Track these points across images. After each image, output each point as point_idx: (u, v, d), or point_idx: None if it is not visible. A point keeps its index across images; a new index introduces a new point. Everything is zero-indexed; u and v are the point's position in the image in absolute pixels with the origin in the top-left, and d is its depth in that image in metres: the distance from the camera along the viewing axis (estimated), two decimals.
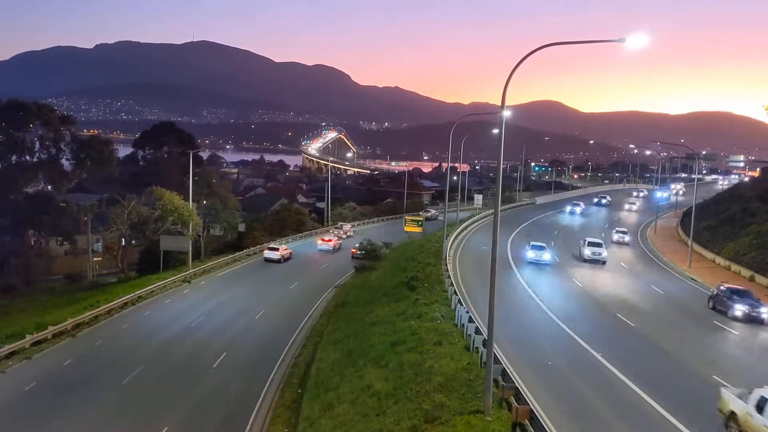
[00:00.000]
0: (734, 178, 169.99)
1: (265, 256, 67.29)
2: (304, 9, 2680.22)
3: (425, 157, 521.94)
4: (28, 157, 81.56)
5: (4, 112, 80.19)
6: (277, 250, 68.40)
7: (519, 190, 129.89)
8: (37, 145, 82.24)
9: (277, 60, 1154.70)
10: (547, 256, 52.78)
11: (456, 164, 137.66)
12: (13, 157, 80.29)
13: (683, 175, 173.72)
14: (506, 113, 21.27)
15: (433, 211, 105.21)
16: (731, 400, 20.43)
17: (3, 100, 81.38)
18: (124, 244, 66.53)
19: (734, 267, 55.47)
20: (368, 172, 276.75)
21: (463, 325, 29.75)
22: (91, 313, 43.35)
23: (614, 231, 72.58)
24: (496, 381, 21.64)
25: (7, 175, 78.57)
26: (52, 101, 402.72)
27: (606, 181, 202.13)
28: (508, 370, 22.93)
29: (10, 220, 74.62)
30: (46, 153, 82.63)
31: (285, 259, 68.09)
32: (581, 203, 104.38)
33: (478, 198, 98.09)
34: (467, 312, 30.82)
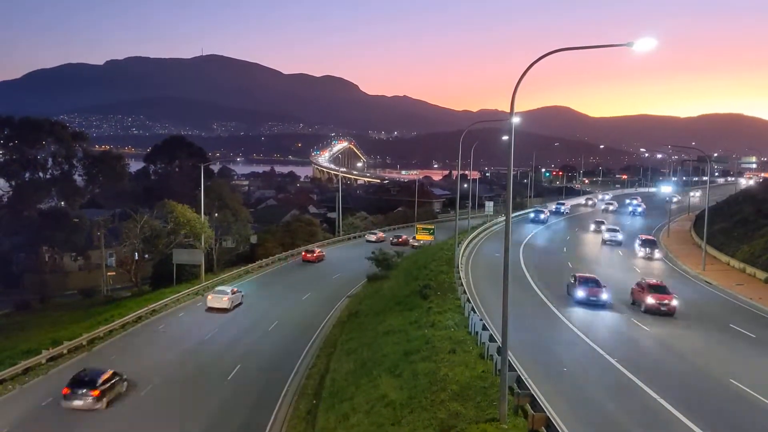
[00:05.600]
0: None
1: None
2: (312, 22, 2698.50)
3: (435, 166, 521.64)
4: (41, 174, 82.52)
5: (18, 130, 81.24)
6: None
7: (530, 197, 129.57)
8: (50, 161, 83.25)
9: (285, 72, 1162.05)
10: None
11: (466, 172, 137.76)
12: (27, 174, 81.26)
13: (695, 178, 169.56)
14: (516, 120, 21.26)
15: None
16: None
17: (16, 118, 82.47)
18: (137, 258, 66.83)
19: (749, 269, 54.97)
20: (378, 181, 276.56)
21: (477, 332, 29.63)
22: (105, 327, 43.52)
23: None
24: (511, 388, 21.54)
25: (21, 192, 79.47)
26: (64, 118, 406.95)
27: (617, 186, 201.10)
28: (523, 378, 22.82)
29: (25, 237, 75.29)
30: (59, 169, 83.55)
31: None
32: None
33: (489, 205, 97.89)
34: (481, 320, 30.69)
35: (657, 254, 63.40)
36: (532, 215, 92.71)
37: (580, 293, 40.22)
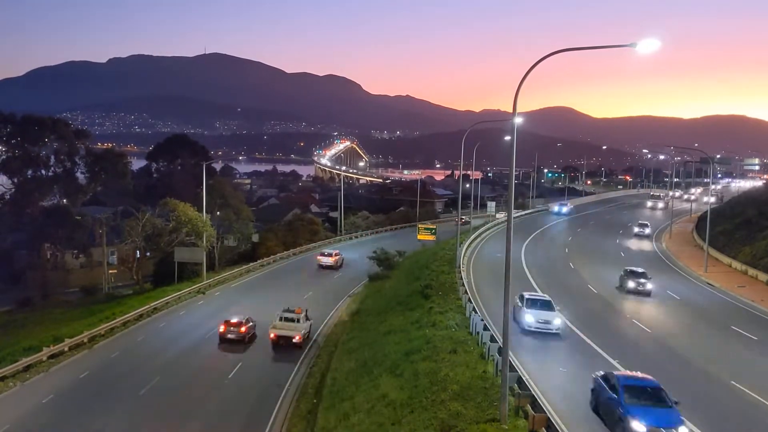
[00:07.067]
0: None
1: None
2: (315, 21, 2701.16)
3: (437, 165, 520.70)
4: (43, 171, 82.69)
5: (20, 128, 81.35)
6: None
7: (532, 197, 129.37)
8: (53, 159, 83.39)
9: (288, 71, 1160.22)
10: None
11: (468, 172, 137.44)
12: (29, 172, 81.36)
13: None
14: (518, 120, 21.24)
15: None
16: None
17: (18, 115, 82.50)
18: (138, 256, 66.86)
19: (751, 271, 54.90)
20: (381, 180, 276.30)
21: (478, 333, 29.61)
22: (107, 325, 43.57)
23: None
24: (512, 389, 21.53)
25: (24, 189, 79.58)
26: (67, 116, 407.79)
27: (620, 187, 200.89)
28: (524, 378, 22.81)
29: (27, 234, 75.36)
30: (62, 167, 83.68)
31: None
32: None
33: (491, 205, 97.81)
34: (482, 320, 30.67)
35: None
36: None
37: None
